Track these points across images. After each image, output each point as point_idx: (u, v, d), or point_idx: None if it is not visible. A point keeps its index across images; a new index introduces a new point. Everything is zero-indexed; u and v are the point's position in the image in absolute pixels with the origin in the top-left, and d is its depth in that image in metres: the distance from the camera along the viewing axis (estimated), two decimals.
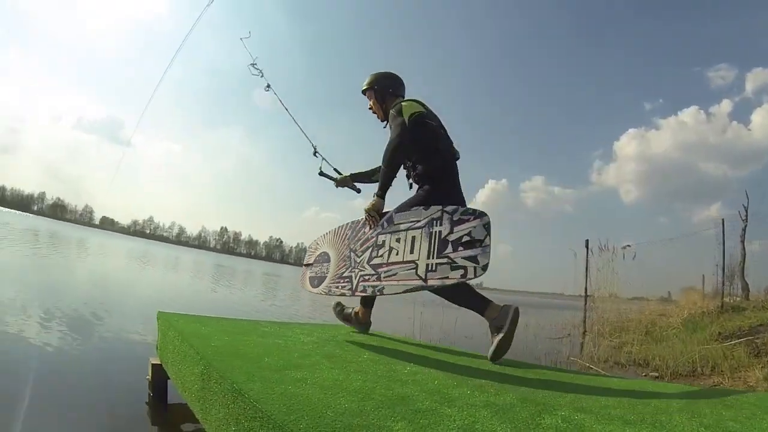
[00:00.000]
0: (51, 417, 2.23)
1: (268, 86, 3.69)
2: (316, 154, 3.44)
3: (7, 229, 21.91)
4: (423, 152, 2.77)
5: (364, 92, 3.16)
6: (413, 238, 2.44)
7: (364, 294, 2.70)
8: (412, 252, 2.41)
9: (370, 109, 3.15)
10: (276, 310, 8.29)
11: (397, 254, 2.49)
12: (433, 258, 2.31)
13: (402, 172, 2.94)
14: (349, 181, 3.37)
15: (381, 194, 2.70)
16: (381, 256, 2.60)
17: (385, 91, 3.07)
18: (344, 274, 2.83)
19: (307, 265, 3.28)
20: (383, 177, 2.71)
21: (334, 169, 3.40)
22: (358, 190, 3.39)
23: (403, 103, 2.78)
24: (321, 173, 3.40)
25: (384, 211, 2.70)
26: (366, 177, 3.33)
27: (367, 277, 2.64)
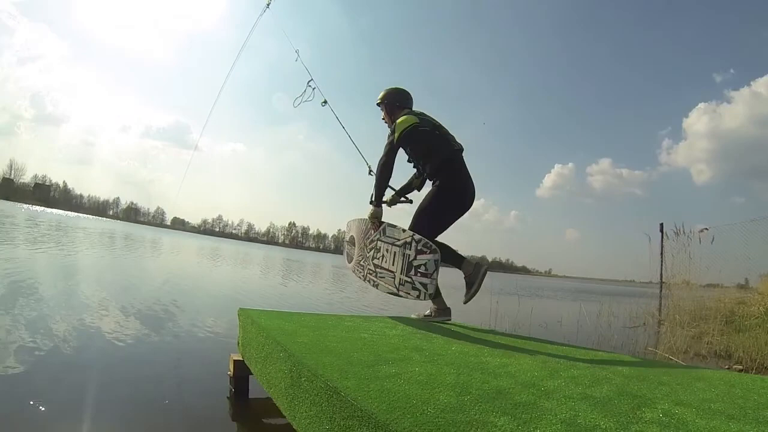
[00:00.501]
0: (129, 411, 2.31)
1: (325, 102, 4.18)
2: (371, 173, 3.68)
3: (86, 233, 23.41)
4: (424, 157, 3.30)
5: (378, 105, 3.64)
6: (395, 253, 3.05)
7: (370, 284, 3.31)
8: (393, 264, 3.06)
9: (383, 119, 3.63)
10: (348, 303, 8.41)
11: (386, 262, 3.12)
12: (403, 275, 2.97)
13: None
14: (397, 198, 3.77)
15: (377, 203, 3.27)
16: (378, 258, 3.21)
17: (393, 105, 3.54)
18: (360, 262, 3.48)
19: (347, 241, 3.82)
20: (376, 189, 3.25)
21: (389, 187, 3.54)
22: (410, 201, 3.72)
23: (398, 121, 3.25)
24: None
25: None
26: (408, 188, 3.75)
27: (370, 272, 3.29)
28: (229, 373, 2.80)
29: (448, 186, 3.19)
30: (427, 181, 3.43)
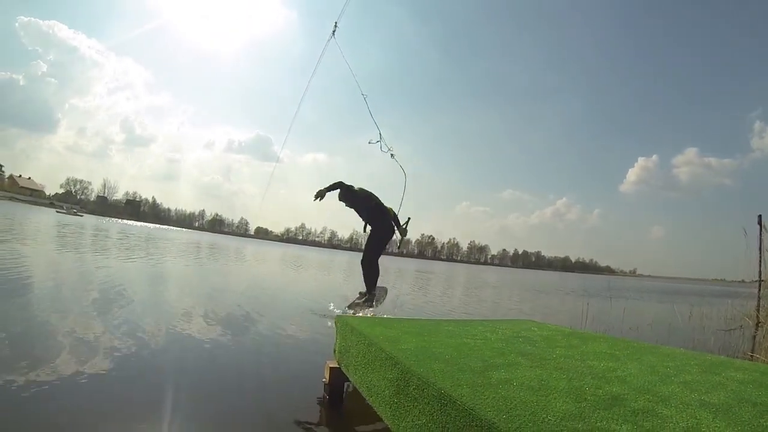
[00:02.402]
0: (223, 414, 2.39)
1: (392, 155, 5.63)
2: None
3: (173, 243, 24.93)
4: (360, 212, 5.37)
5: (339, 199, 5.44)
6: None
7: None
8: None
9: (340, 199, 5.44)
10: (430, 307, 8.36)
11: None
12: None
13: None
14: (403, 227, 5.77)
15: (324, 190, 5.21)
16: None
17: (345, 191, 5.38)
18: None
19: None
20: (327, 187, 5.22)
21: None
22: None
23: (360, 188, 5.43)
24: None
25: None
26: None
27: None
28: (324, 380, 2.83)
29: (375, 229, 5.35)
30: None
